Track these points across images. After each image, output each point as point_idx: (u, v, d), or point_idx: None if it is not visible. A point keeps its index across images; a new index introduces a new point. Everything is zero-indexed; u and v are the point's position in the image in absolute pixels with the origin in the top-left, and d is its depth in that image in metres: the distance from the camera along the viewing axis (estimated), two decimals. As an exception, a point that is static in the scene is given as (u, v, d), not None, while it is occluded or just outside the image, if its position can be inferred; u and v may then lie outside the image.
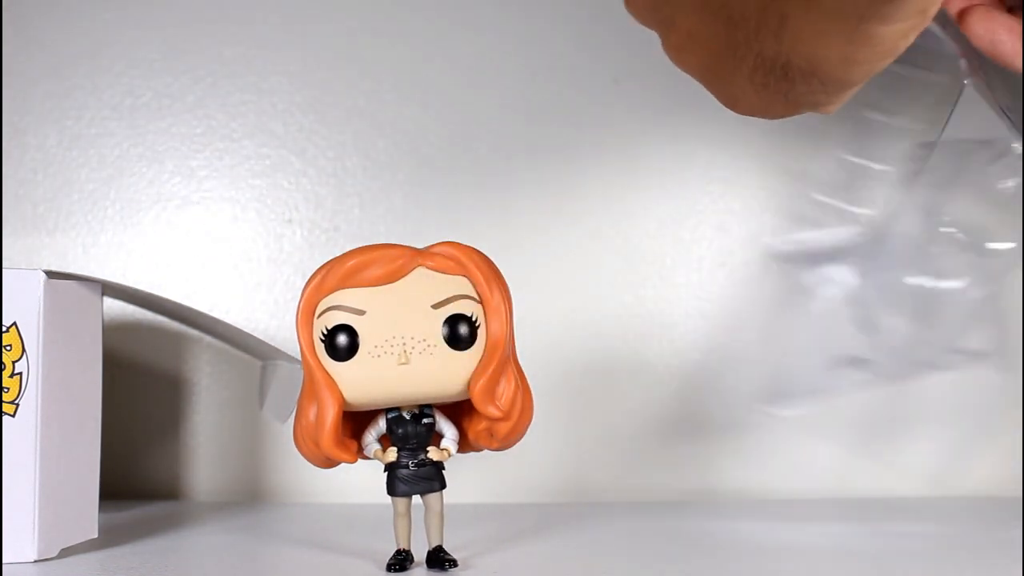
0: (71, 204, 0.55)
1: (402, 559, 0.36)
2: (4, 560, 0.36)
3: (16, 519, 0.36)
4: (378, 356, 0.34)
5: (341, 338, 0.34)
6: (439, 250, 0.35)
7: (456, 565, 0.36)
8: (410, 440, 0.36)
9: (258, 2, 0.56)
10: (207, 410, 0.54)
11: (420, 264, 0.35)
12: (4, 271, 0.37)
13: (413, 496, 0.36)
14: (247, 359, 0.54)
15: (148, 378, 0.54)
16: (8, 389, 0.36)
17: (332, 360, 0.34)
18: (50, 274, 0.37)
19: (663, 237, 0.56)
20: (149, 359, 0.54)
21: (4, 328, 0.37)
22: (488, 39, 0.56)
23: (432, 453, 0.36)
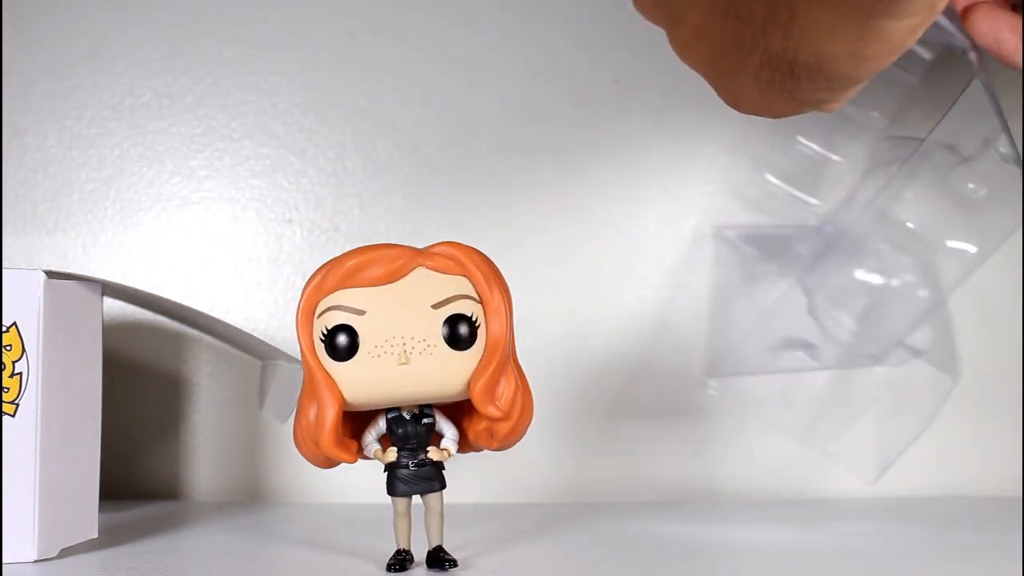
0: (71, 204, 0.55)
1: (402, 559, 0.36)
2: (4, 560, 0.36)
3: (16, 519, 0.36)
4: (378, 356, 0.34)
5: (341, 338, 0.34)
6: (439, 250, 0.35)
7: (456, 565, 0.36)
8: (410, 440, 0.36)
9: (258, 2, 0.56)
10: (207, 410, 0.54)
11: (420, 264, 0.35)
12: (4, 271, 0.37)
13: (413, 496, 0.36)
14: (247, 359, 0.54)
15: (148, 378, 0.54)
16: (8, 389, 0.36)
17: (332, 360, 0.34)
18: (50, 274, 0.37)
19: (663, 237, 0.56)
20: (149, 359, 0.54)
21: (4, 328, 0.37)
22: (488, 39, 0.56)
23: (432, 453, 0.36)
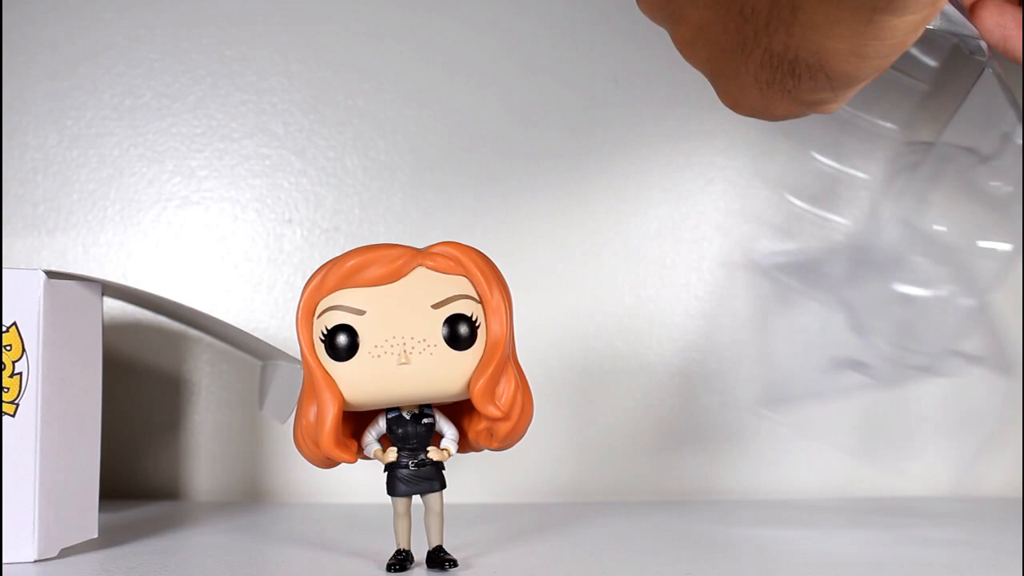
0: (71, 204, 0.55)
1: (402, 559, 0.36)
2: (4, 560, 0.36)
3: (16, 519, 0.36)
4: (378, 356, 0.34)
5: (341, 338, 0.34)
6: (439, 250, 0.35)
7: (456, 565, 0.36)
8: (410, 440, 0.36)
9: (258, 2, 0.56)
10: (207, 410, 0.54)
11: (420, 264, 0.35)
12: (4, 271, 0.37)
13: (413, 496, 0.36)
14: (247, 359, 0.54)
15: (148, 378, 0.54)
16: (8, 389, 0.36)
17: (332, 360, 0.34)
18: (50, 274, 0.37)
19: (663, 237, 0.56)
20: (149, 359, 0.54)
21: (4, 328, 0.37)
22: (488, 39, 0.56)
23: (432, 453, 0.36)
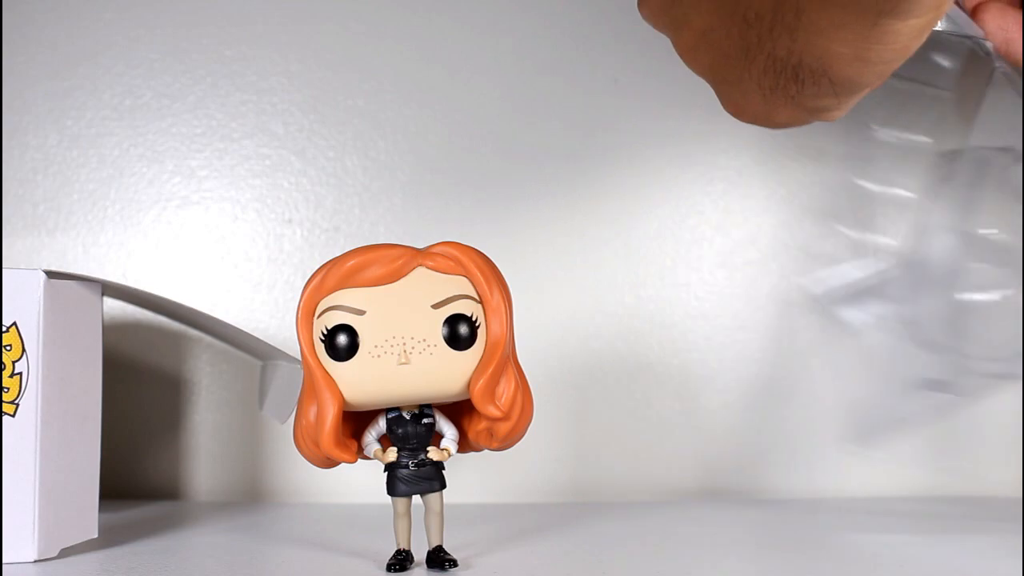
0: (71, 204, 0.55)
1: (402, 559, 0.36)
2: (4, 560, 0.36)
3: (16, 519, 0.36)
4: (378, 356, 0.34)
5: (341, 338, 0.34)
6: (439, 250, 0.35)
7: (456, 565, 0.36)
8: (410, 440, 0.36)
9: (258, 2, 0.56)
10: (207, 410, 0.54)
11: (420, 264, 0.35)
12: (4, 271, 0.37)
13: (413, 496, 0.36)
14: (247, 359, 0.54)
15: (148, 378, 0.54)
16: (8, 389, 0.36)
17: (332, 360, 0.34)
18: (50, 274, 0.37)
19: (663, 237, 0.56)
20: (149, 359, 0.54)
21: (4, 328, 0.37)
22: (488, 39, 0.56)
23: (432, 453, 0.36)
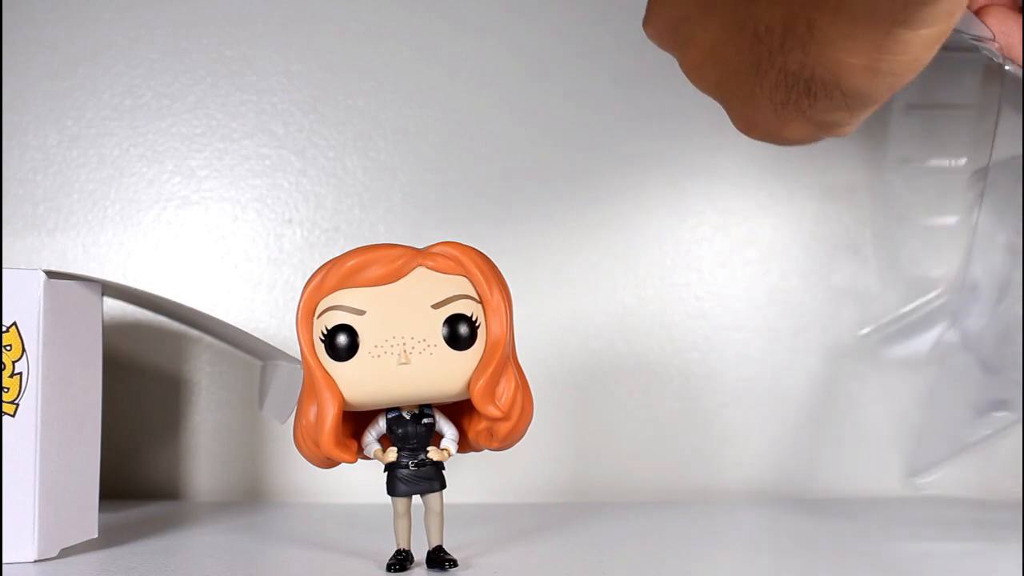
0: (71, 204, 0.55)
1: (402, 559, 0.36)
2: (4, 560, 0.36)
3: (16, 519, 0.36)
4: (378, 356, 0.34)
5: (341, 338, 0.34)
6: (439, 250, 0.35)
7: (456, 565, 0.36)
8: (410, 440, 0.36)
9: (258, 2, 0.56)
10: (207, 410, 0.54)
11: (420, 264, 0.35)
12: (4, 271, 0.37)
13: (413, 496, 0.36)
14: (247, 359, 0.54)
15: (148, 378, 0.54)
16: (8, 389, 0.36)
17: (332, 360, 0.34)
18: (50, 274, 0.37)
19: (663, 237, 0.56)
20: (149, 359, 0.54)
21: (4, 328, 0.37)
22: (488, 39, 0.56)
23: (432, 453, 0.36)
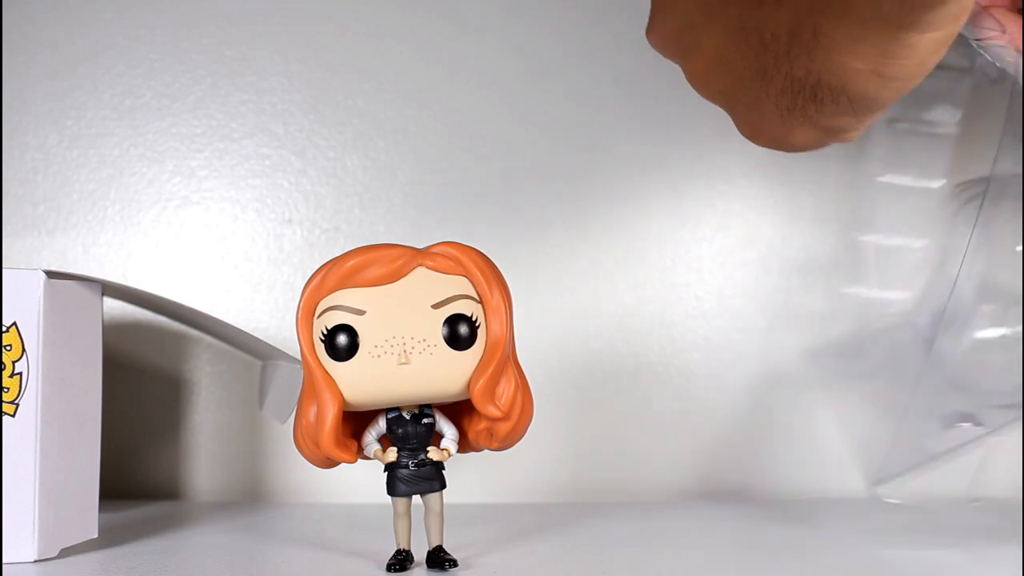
0: (71, 204, 0.55)
1: (402, 559, 0.36)
2: (4, 560, 0.36)
3: (16, 519, 0.36)
4: (378, 356, 0.34)
5: (341, 338, 0.34)
6: (439, 250, 0.35)
7: (456, 565, 0.36)
8: (410, 440, 0.36)
9: (258, 2, 0.56)
10: (207, 410, 0.54)
11: (420, 264, 0.35)
12: (4, 271, 0.37)
13: (413, 496, 0.36)
14: (247, 359, 0.54)
15: (148, 378, 0.54)
16: (8, 389, 0.36)
17: (332, 360, 0.34)
18: (50, 274, 0.37)
19: (663, 237, 0.56)
20: (149, 359, 0.54)
21: (4, 328, 0.37)
22: (487, 39, 0.56)
23: (432, 453, 0.36)
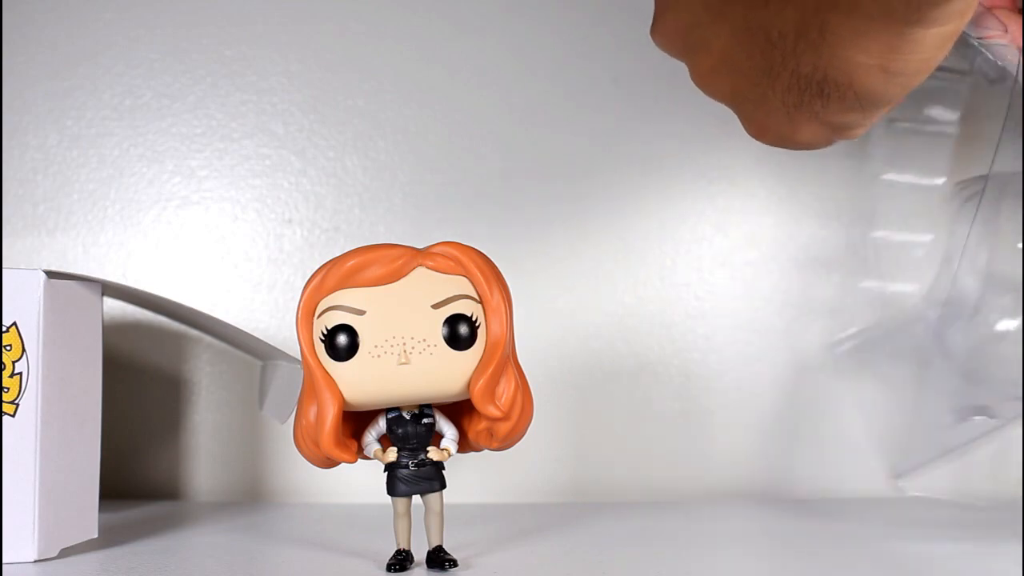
0: (71, 204, 0.55)
1: (402, 559, 0.36)
2: (4, 560, 0.36)
3: (16, 519, 0.36)
4: (378, 356, 0.34)
5: (341, 338, 0.34)
6: (439, 250, 0.35)
7: (456, 565, 0.36)
8: (410, 440, 0.36)
9: (258, 2, 0.56)
10: (207, 410, 0.54)
11: (420, 264, 0.35)
12: (4, 271, 0.37)
13: (413, 496, 0.36)
14: (247, 359, 0.54)
15: (148, 378, 0.54)
16: (8, 389, 0.36)
17: (332, 360, 0.34)
18: (50, 274, 0.37)
19: (663, 237, 0.56)
20: (149, 359, 0.54)
21: (4, 328, 0.37)
22: (488, 39, 0.56)
23: (432, 453, 0.36)
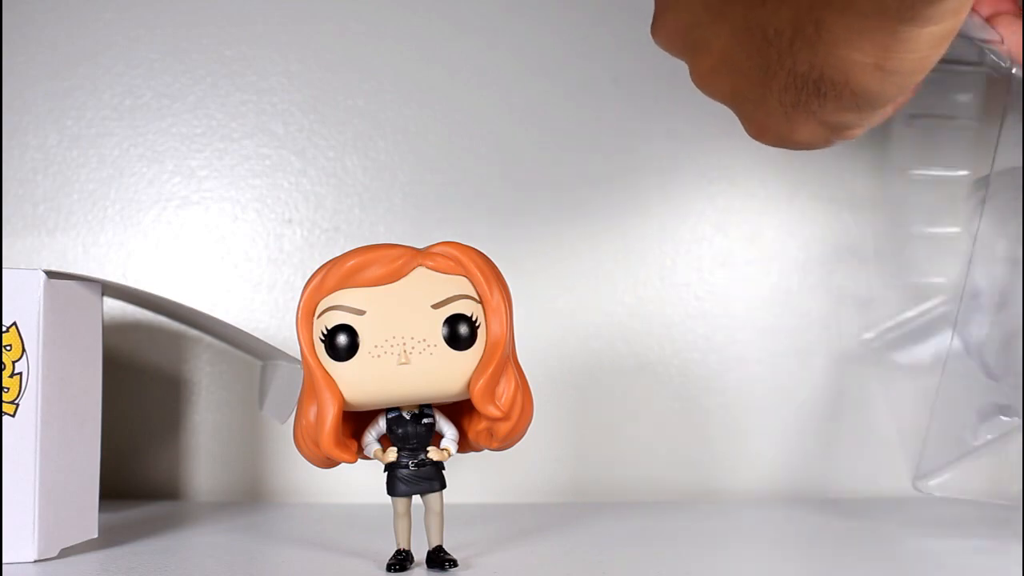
0: (71, 204, 0.55)
1: (402, 559, 0.36)
2: (4, 560, 0.36)
3: (16, 519, 0.36)
4: (378, 356, 0.34)
5: (341, 338, 0.34)
6: (439, 250, 0.35)
7: (456, 565, 0.36)
8: (410, 440, 0.36)
9: (258, 2, 0.56)
10: (207, 410, 0.54)
11: (420, 264, 0.35)
12: (4, 271, 0.37)
13: (413, 496, 0.36)
14: (247, 359, 0.54)
15: (148, 378, 0.54)
16: (8, 389, 0.36)
17: (332, 360, 0.34)
18: (50, 274, 0.37)
19: (663, 237, 0.56)
20: (149, 359, 0.54)
21: (4, 328, 0.37)
22: (487, 39, 0.56)
23: (432, 453, 0.36)
